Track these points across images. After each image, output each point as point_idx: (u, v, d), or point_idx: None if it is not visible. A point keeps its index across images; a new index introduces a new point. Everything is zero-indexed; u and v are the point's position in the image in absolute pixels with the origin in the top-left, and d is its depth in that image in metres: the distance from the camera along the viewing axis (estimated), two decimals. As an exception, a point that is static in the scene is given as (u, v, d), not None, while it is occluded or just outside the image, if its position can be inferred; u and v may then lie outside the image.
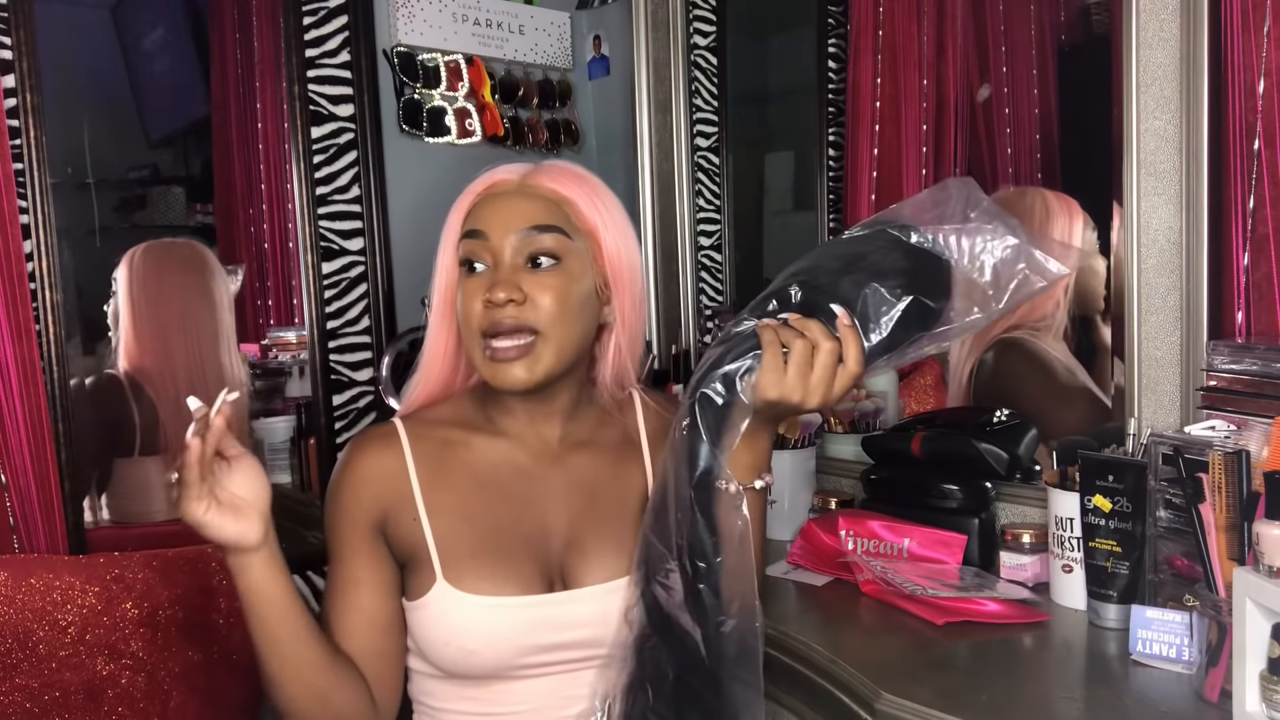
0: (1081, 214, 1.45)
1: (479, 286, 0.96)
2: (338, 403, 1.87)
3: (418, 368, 1.07)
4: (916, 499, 1.45)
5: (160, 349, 1.82)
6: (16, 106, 1.46)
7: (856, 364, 0.84)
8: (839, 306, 0.85)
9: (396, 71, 1.99)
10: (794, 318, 0.86)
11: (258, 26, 1.97)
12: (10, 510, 1.42)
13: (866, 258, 0.86)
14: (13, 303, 1.41)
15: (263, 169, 2.00)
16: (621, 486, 1.06)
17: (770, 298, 0.89)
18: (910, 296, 0.84)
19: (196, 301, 1.87)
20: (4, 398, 1.40)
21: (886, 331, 0.84)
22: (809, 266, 0.89)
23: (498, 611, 0.96)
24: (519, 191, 1.00)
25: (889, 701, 1.01)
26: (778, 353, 0.84)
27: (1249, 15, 1.16)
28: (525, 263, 0.96)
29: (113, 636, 1.37)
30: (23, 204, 1.46)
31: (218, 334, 1.88)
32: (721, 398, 0.85)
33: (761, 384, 0.84)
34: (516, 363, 0.95)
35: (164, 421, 1.82)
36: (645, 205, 2.14)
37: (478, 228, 0.98)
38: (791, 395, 0.84)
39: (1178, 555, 1.09)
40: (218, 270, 1.91)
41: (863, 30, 1.73)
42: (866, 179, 1.74)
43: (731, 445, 0.86)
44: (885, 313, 0.84)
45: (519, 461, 1.04)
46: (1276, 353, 1.07)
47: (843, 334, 0.84)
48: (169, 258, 1.87)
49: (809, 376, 0.84)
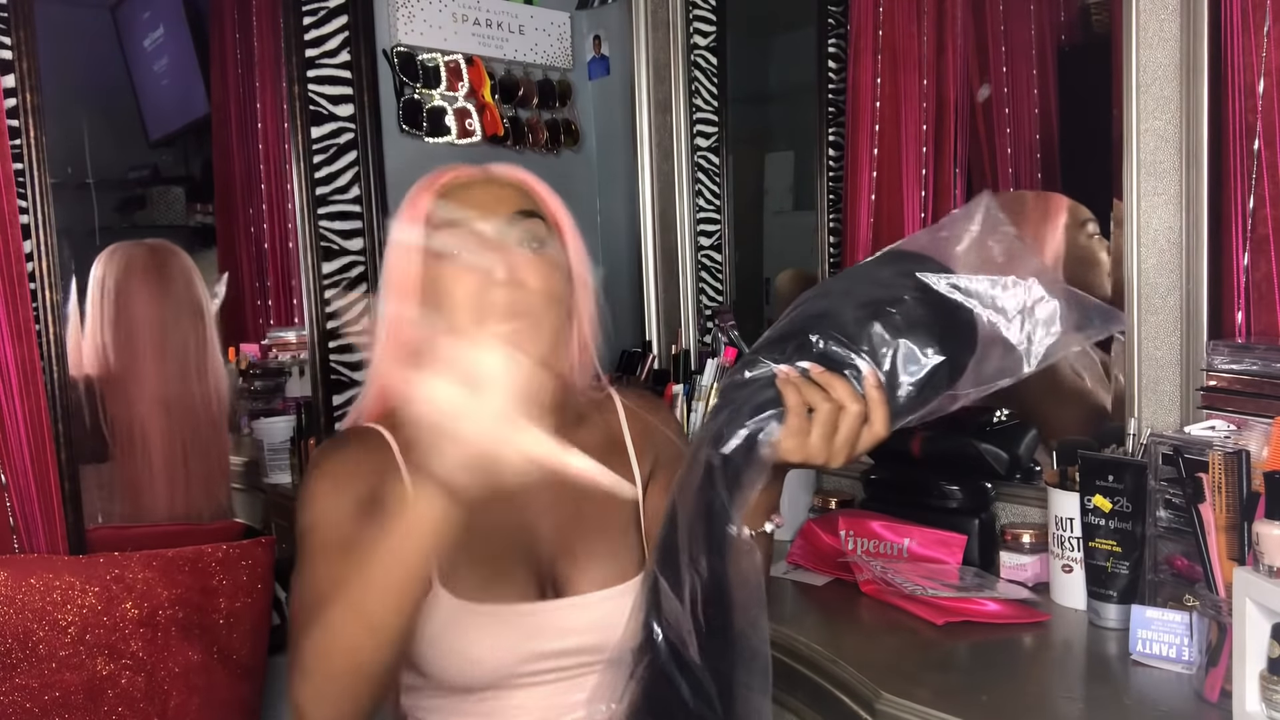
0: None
1: (465, 272, 0.94)
2: (338, 403, 1.87)
3: (369, 376, 1.02)
4: (916, 499, 1.45)
5: (131, 353, 1.79)
6: (16, 106, 1.46)
7: (883, 427, 0.80)
8: (866, 364, 0.79)
9: (396, 71, 1.99)
10: (817, 372, 0.80)
11: (258, 26, 1.97)
12: (10, 510, 1.42)
13: (894, 305, 0.80)
14: (13, 303, 1.41)
15: (263, 169, 2.00)
16: (609, 491, 1.04)
17: (789, 340, 0.82)
18: (941, 357, 0.79)
19: (171, 304, 1.85)
20: (4, 398, 1.40)
21: (914, 391, 0.80)
22: (830, 311, 0.82)
23: (498, 619, 0.94)
24: (490, 181, 0.99)
25: (889, 701, 1.01)
26: (803, 414, 0.79)
27: (1249, 15, 1.16)
28: (514, 247, 0.95)
29: (113, 636, 1.37)
30: (23, 204, 1.45)
31: (194, 338, 1.86)
32: (741, 457, 0.80)
33: (785, 447, 0.80)
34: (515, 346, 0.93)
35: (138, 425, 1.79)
36: (645, 205, 2.14)
37: (457, 215, 0.96)
38: (815, 459, 0.80)
39: (1178, 555, 1.09)
40: (193, 272, 1.89)
41: (863, 30, 1.73)
42: (866, 179, 1.74)
43: (748, 503, 0.82)
44: (914, 372, 0.79)
45: None
46: (1276, 353, 1.07)
47: (870, 397, 0.79)
48: (142, 259, 1.85)
49: (833, 439, 0.79)
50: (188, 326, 1.86)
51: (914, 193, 1.69)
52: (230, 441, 1.92)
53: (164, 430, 1.80)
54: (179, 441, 1.82)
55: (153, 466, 1.78)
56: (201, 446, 1.85)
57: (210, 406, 1.87)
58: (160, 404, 1.80)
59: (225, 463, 1.92)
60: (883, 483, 1.54)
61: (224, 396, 1.90)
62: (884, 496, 1.52)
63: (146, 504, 1.77)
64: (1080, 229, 1.47)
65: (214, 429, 1.88)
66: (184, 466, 1.81)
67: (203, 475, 1.85)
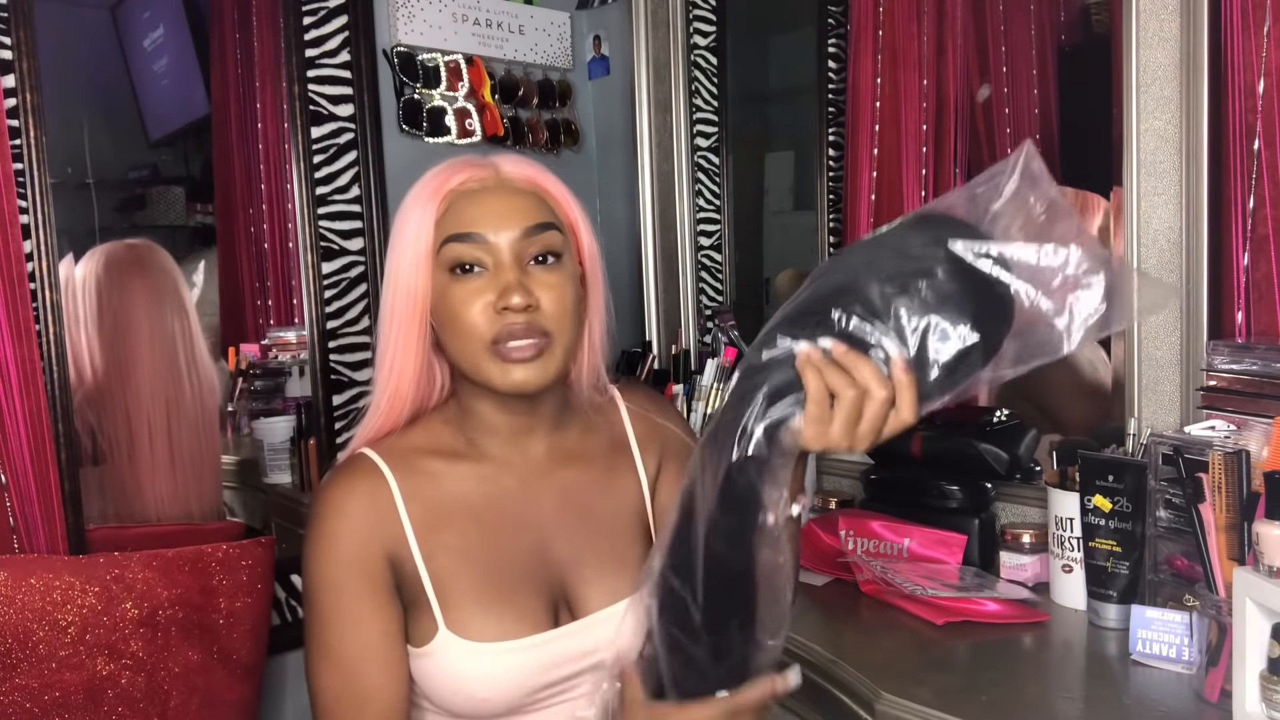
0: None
1: (479, 291, 0.89)
2: (338, 403, 1.87)
3: (376, 392, 0.97)
4: (916, 499, 1.45)
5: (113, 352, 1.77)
6: (16, 106, 1.45)
7: (911, 414, 0.73)
8: (894, 344, 0.73)
9: (396, 71, 1.99)
10: (840, 352, 0.73)
11: (258, 26, 1.97)
12: (10, 510, 1.42)
13: (925, 278, 0.73)
14: (13, 303, 1.41)
15: (263, 169, 2.00)
16: (616, 498, 1.01)
17: (809, 316, 0.75)
18: (976, 336, 0.72)
19: (152, 301, 1.84)
20: (4, 398, 1.40)
21: (945, 374, 0.73)
22: (853, 285, 0.74)
23: (506, 657, 0.91)
24: (502, 187, 0.93)
25: (889, 701, 1.01)
26: (824, 401, 0.73)
27: (1249, 15, 1.16)
28: (529, 262, 0.91)
29: (113, 636, 1.37)
30: (23, 204, 1.45)
31: (178, 334, 1.85)
32: (764, 450, 0.75)
33: (806, 435, 0.74)
34: (533, 363, 0.89)
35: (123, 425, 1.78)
36: (645, 205, 2.14)
37: (470, 230, 0.90)
38: (837, 446, 0.75)
39: (1178, 555, 1.09)
40: (175, 269, 1.87)
41: (863, 30, 1.73)
42: (866, 179, 1.74)
43: (779, 500, 0.77)
44: (945, 352, 0.72)
45: (508, 486, 0.97)
46: (1276, 353, 1.07)
47: (898, 382, 0.73)
48: (119, 257, 1.83)
49: (857, 426, 0.74)
50: (171, 323, 1.85)
51: (914, 193, 1.69)
52: (220, 438, 1.90)
53: (151, 428, 1.79)
54: (167, 439, 1.81)
55: (140, 465, 1.77)
56: (191, 444, 1.84)
57: (199, 403, 1.85)
58: (146, 402, 1.79)
59: (216, 459, 1.91)
60: (883, 483, 1.54)
61: (214, 392, 1.88)
62: (884, 496, 1.52)
63: (136, 503, 1.77)
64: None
65: (204, 426, 1.87)
66: (172, 464, 1.81)
67: (194, 473, 1.84)
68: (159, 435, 1.80)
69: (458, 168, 0.95)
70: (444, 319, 0.91)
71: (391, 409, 0.96)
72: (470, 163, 0.95)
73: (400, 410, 0.97)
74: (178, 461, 1.82)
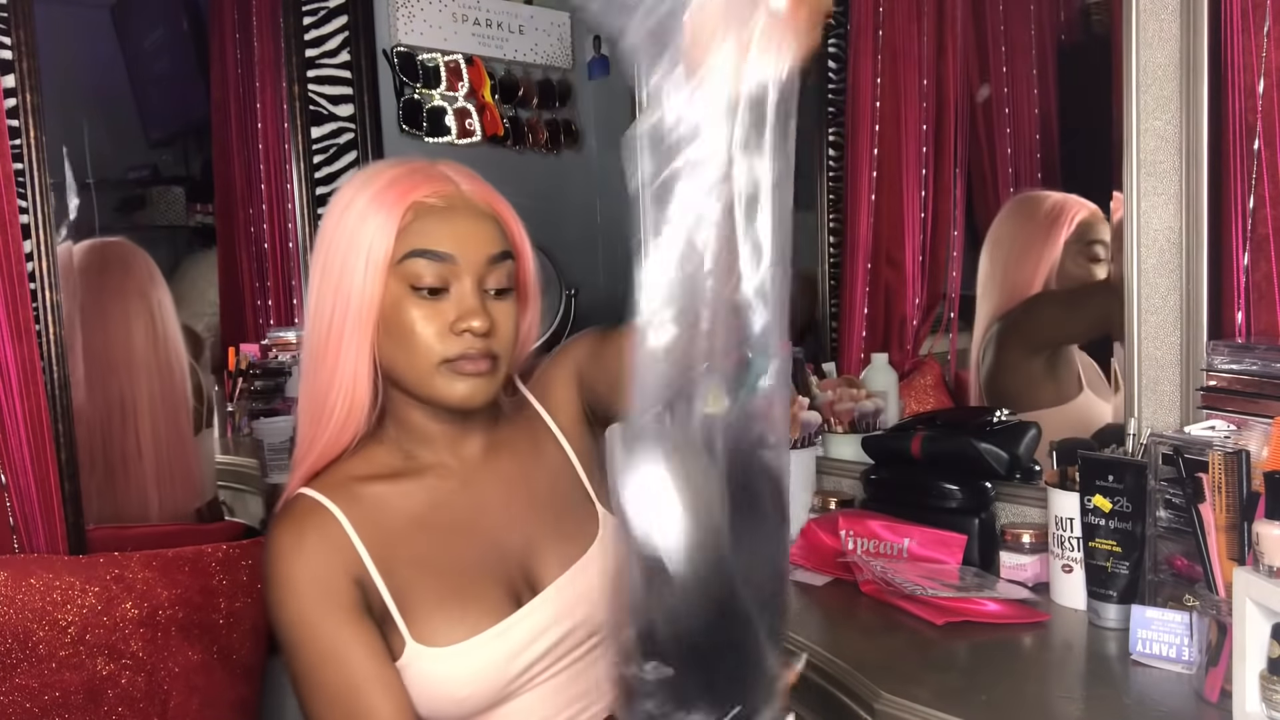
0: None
1: (441, 311, 0.90)
2: (338, 403, 1.87)
3: (310, 421, 0.94)
4: (916, 499, 1.45)
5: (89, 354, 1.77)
6: (16, 106, 1.46)
7: None
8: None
9: (396, 71, 1.99)
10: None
11: (258, 26, 1.97)
12: (10, 510, 1.42)
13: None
14: (13, 303, 1.41)
15: (263, 169, 2.00)
16: (549, 469, 1.03)
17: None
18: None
19: (122, 299, 1.83)
20: (4, 398, 1.40)
21: None
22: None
23: (476, 652, 0.92)
24: (467, 207, 0.93)
25: (889, 701, 1.01)
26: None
27: (1249, 15, 1.16)
28: (488, 289, 0.93)
29: (113, 636, 1.37)
30: (23, 204, 1.45)
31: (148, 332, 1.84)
32: None
33: None
34: (479, 379, 0.91)
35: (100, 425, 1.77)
36: (645, 205, 2.14)
37: (439, 249, 0.89)
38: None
39: (1178, 555, 1.09)
40: (149, 266, 1.86)
41: (863, 30, 1.73)
42: (866, 179, 1.74)
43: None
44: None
45: (452, 490, 0.98)
46: (1276, 353, 1.07)
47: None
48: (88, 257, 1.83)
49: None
50: (142, 321, 1.84)
51: (914, 193, 1.69)
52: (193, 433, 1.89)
53: (133, 428, 1.79)
54: (149, 439, 1.81)
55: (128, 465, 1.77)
56: (172, 441, 1.84)
57: (173, 399, 1.85)
58: (123, 402, 1.78)
59: (196, 455, 1.91)
60: (883, 483, 1.54)
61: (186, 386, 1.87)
62: (884, 496, 1.52)
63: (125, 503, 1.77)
64: (1085, 248, 1.48)
65: (182, 422, 1.86)
66: (155, 463, 1.81)
67: (179, 470, 1.84)
68: (137, 432, 1.79)
69: (415, 179, 0.92)
70: (396, 332, 0.91)
71: (333, 438, 0.94)
72: (427, 174, 0.93)
73: (338, 438, 0.94)
74: (160, 458, 1.81)
